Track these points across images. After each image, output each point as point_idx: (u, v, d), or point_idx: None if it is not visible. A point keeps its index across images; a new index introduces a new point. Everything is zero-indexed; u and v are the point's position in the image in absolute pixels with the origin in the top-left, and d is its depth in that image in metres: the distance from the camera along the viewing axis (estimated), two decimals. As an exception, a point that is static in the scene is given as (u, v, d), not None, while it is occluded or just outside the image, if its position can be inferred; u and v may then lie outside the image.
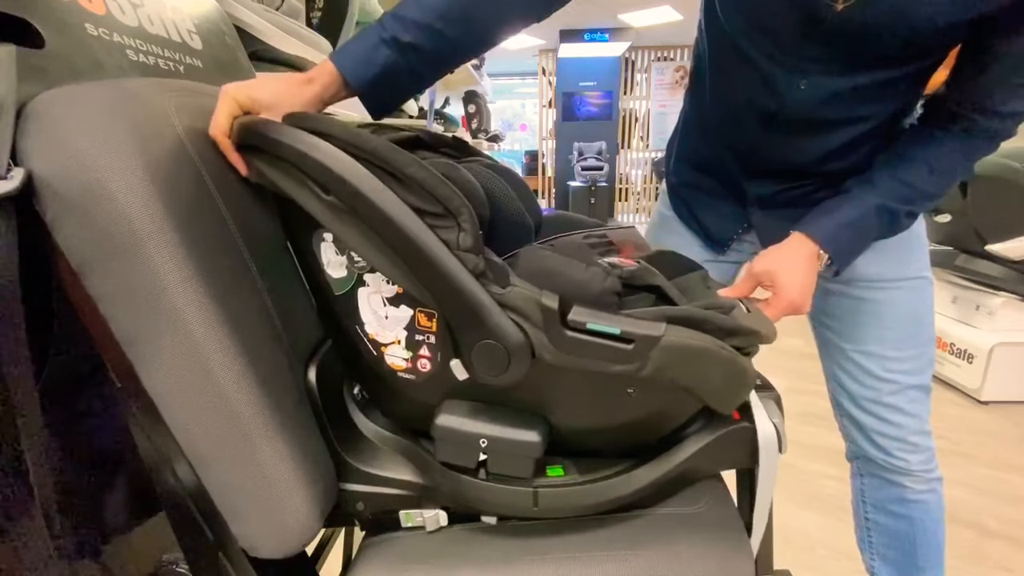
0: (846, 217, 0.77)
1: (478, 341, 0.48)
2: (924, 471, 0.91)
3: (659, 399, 0.54)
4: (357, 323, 0.54)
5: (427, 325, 0.52)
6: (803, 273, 0.76)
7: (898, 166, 0.77)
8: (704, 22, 0.86)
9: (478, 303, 0.47)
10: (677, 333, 0.48)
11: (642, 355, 0.48)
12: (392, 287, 0.51)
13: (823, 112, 0.77)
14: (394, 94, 0.67)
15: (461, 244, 0.46)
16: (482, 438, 0.53)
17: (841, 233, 0.77)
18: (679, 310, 0.51)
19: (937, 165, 0.76)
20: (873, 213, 0.77)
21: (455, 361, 0.52)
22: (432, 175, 0.46)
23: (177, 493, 0.49)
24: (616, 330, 0.47)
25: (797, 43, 0.73)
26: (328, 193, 0.47)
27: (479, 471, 0.55)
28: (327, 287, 0.54)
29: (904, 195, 0.77)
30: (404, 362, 0.54)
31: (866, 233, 0.79)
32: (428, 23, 0.63)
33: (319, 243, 0.53)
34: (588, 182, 6.51)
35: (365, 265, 0.52)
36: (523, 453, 0.53)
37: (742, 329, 0.52)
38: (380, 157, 0.46)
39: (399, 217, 0.46)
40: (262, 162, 0.51)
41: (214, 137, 0.53)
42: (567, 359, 0.49)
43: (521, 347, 0.48)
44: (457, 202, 0.46)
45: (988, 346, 2.26)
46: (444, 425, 0.53)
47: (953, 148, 0.76)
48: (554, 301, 0.47)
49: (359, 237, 0.48)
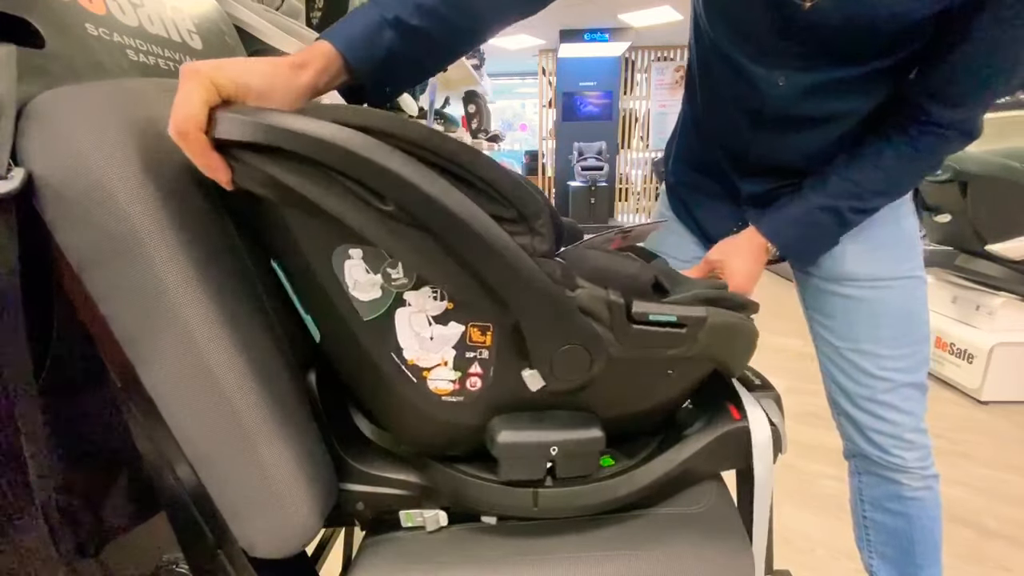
0: (791, 215, 0.84)
1: (561, 347, 0.48)
2: (920, 468, 0.92)
3: (690, 375, 0.57)
4: (392, 350, 0.49)
5: (480, 340, 0.49)
6: (751, 262, 0.84)
7: (849, 164, 0.81)
8: (692, 28, 0.90)
9: (565, 309, 0.47)
10: (716, 313, 0.52)
11: (693, 337, 0.52)
12: (440, 303, 0.48)
13: (804, 108, 0.80)
14: (394, 82, 0.63)
15: (538, 249, 0.45)
16: (553, 446, 0.52)
17: (787, 229, 0.85)
18: (705, 292, 0.55)
19: (882, 162, 0.79)
20: (816, 210, 0.82)
21: (530, 372, 0.50)
22: (508, 177, 0.43)
23: (177, 493, 0.48)
24: (673, 318, 0.51)
25: (774, 43, 0.76)
26: (386, 202, 0.41)
27: (545, 479, 0.55)
28: (350, 313, 0.48)
29: (849, 191, 0.80)
30: (451, 384, 0.51)
31: (813, 229, 0.84)
32: (434, 7, 0.61)
33: (342, 262, 0.46)
34: (588, 182, 6.51)
35: (407, 282, 0.47)
36: (591, 451, 0.54)
37: (748, 301, 0.57)
38: (456, 160, 0.42)
39: (482, 226, 0.42)
40: (277, 166, 0.41)
41: (181, 131, 0.41)
42: (631, 351, 0.51)
43: (601, 347, 0.49)
44: (534, 207, 0.44)
45: (988, 346, 2.26)
46: (510, 442, 0.52)
47: (903, 145, 0.78)
48: (621, 298, 0.49)
49: (419, 250, 0.43)
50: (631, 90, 7.44)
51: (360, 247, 0.46)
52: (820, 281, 0.93)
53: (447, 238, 0.42)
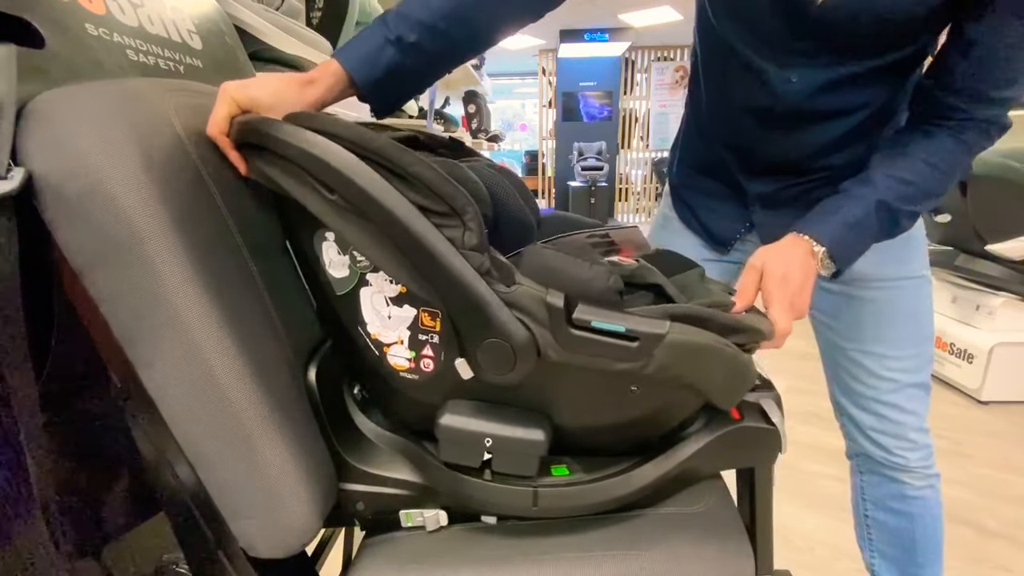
0: (849, 216, 0.75)
1: (484, 340, 0.49)
2: (923, 468, 0.92)
3: (661, 396, 0.54)
4: (359, 323, 0.54)
5: (431, 325, 0.51)
6: (787, 264, 0.72)
7: (896, 164, 0.76)
8: (698, 27, 0.89)
9: (484, 301, 0.47)
10: (681, 331, 0.49)
11: (647, 352, 0.48)
12: (395, 287, 0.51)
13: (816, 103, 0.79)
14: (399, 93, 0.68)
15: (466, 243, 0.46)
16: (487, 437, 0.53)
17: (844, 233, 0.74)
18: (682, 308, 0.52)
19: (936, 161, 0.75)
20: (873, 212, 0.74)
21: (460, 360, 0.52)
22: (437, 174, 0.46)
23: (177, 493, 0.49)
24: (621, 328, 0.48)
25: (785, 39, 0.75)
26: (332, 192, 0.47)
27: (483, 471, 0.55)
28: (328, 287, 0.54)
29: (905, 194, 0.75)
30: (407, 362, 0.53)
31: (866, 233, 0.76)
32: (433, 23, 0.64)
33: (320, 243, 0.53)
34: (588, 182, 6.51)
35: (368, 264, 0.51)
36: (528, 452, 0.53)
37: (743, 326, 0.53)
38: (385, 156, 0.46)
39: (405, 216, 0.45)
40: (263, 161, 0.50)
41: (212, 136, 0.53)
42: (572, 357, 0.49)
43: (527, 345, 0.48)
44: (462, 201, 0.46)
45: (988, 346, 2.26)
46: (448, 425, 0.53)
47: (949, 143, 0.75)
48: (560, 299, 0.48)
49: (363, 236, 0.48)
50: (631, 90, 7.44)
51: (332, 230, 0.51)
52: (827, 281, 0.92)
53: (379, 226, 0.47)
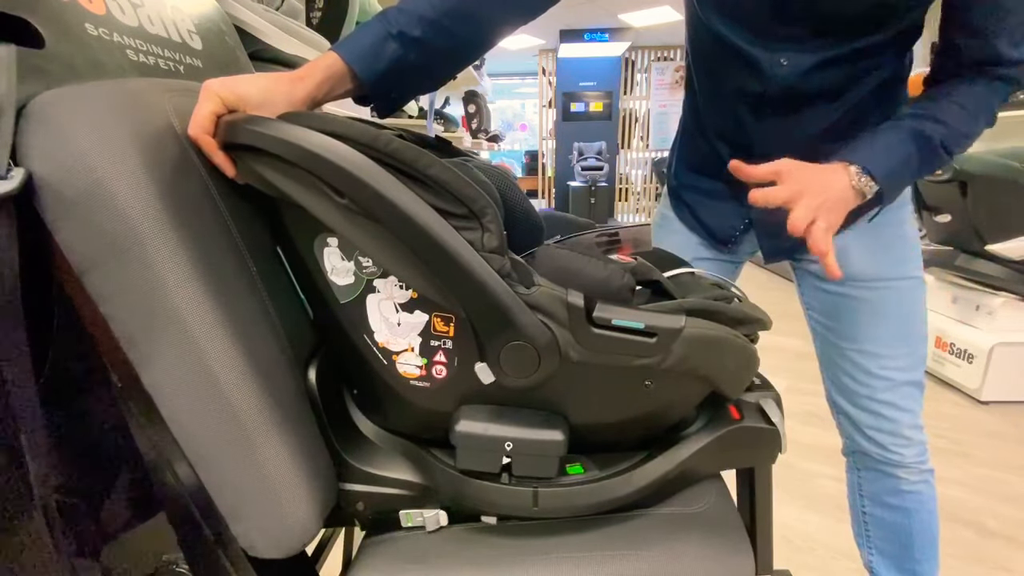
0: (884, 141, 0.73)
1: (507, 343, 0.48)
2: (918, 463, 0.94)
3: (673, 390, 0.55)
4: (365, 332, 0.52)
5: (444, 330, 0.51)
6: (824, 176, 0.69)
7: (927, 107, 0.74)
8: (687, 21, 0.90)
9: (507, 305, 0.47)
10: (696, 324, 0.50)
11: (665, 347, 0.49)
12: (406, 292, 0.50)
13: (807, 86, 0.79)
14: (401, 91, 0.67)
15: (486, 245, 0.46)
16: (507, 441, 0.52)
17: (881, 156, 0.71)
18: (694, 302, 0.52)
19: (966, 103, 0.74)
20: (910, 138, 0.73)
21: (481, 364, 0.51)
22: (456, 176, 0.45)
23: (177, 493, 0.48)
24: (640, 324, 0.49)
25: (771, 24, 0.76)
26: (342, 196, 0.45)
27: (501, 475, 0.55)
28: (329, 295, 0.52)
29: (939, 131, 0.73)
30: (418, 369, 0.53)
31: (906, 160, 0.73)
32: (436, 19, 0.63)
33: (322, 249, 0.51)
34: (588, 182, 6.51)
35: (375, 270, 0.50)
36: (549, 453, 0.53)
37: (749, 317, 0.54)
38: (400, 159, 0.44)
39: (425, 220, 0.44)
40: (260, 164, 0.48)
41: (194, 136, 0.50)
42: (593, 356, 0.49)
43: (551, 347, 0.49)
44: (482, 203, 0.45)
45: (988, 346, 2.26)
46: (466, 432, 0.52)
47: (977, 89, 0.74)
48: (580, 299, 0.48)
49: (376, 241, 0.46)
50: (631, 90, 7.44)
51: (336, 236, 0.50)
52: (822, 281, 0.94)
53: (395, 230, 0.45)
